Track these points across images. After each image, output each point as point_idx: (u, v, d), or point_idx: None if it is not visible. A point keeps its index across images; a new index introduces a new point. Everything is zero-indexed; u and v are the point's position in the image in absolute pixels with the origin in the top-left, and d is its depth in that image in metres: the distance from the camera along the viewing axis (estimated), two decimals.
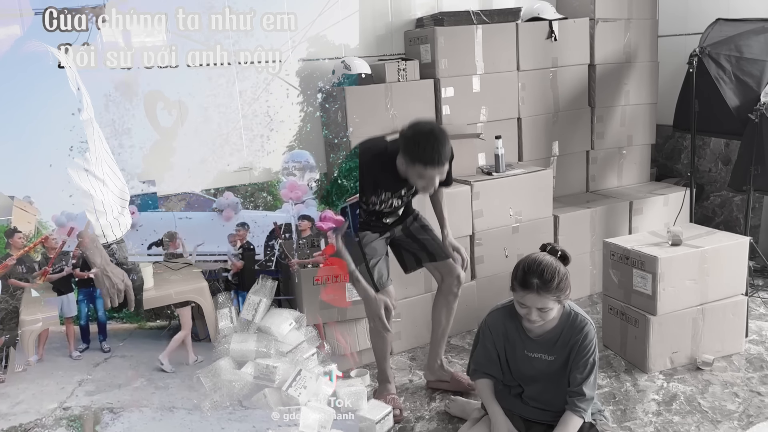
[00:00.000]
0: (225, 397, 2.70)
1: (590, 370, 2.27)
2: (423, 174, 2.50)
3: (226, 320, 2.97)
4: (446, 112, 3.80)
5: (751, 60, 3.53)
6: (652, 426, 2.64)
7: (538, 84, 4.06)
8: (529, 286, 2.15)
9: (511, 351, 2.37)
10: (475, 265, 3.65)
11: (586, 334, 2.27)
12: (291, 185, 3.19)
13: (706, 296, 3.08)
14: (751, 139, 3.37)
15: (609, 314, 3.27)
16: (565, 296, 2.21)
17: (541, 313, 2.19)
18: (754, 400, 2.78)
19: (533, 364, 2.33)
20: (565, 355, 2.29)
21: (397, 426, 2.74)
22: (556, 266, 2.18)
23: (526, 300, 2.19)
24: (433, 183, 2.54)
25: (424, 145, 2.45)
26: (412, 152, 2.48)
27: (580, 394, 2.27)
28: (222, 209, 3.23)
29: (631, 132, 4.42)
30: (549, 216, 3.83)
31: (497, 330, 2.37)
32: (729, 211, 4.53)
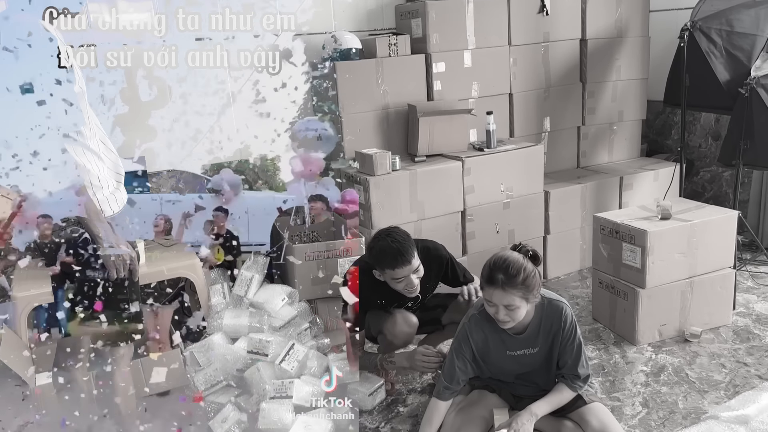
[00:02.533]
0: (218, 372, 2.73)
1: (578, 351, 2.27)
2: (396, 276, 2.52)
3: (218, 296, 2.98)
4: (437, 88, 3.79)
5: (742, 34, 3.53)
6: (640, 396, 2.68)
7: (529, 59, 4.05)
8: (494, 282, 2.11)
9: (492, 354, 2.32)
10: (467, 240, 3.67)
11: (565, 318, 2.24)
12: (304, 158, 2.89)
13: (694, 269, 3.11)
14: (741, 113, 3.39)
15: (598, 288, 3.30)
16: (533, 296, 2.15)
17: (509, 311, 2.13)
18: (740, 371, 2.83)
19: (518, 361, 2.32)
20: (549, 343, 2.28)
21: (389, 398, 2.78)
22: (523, 263, 2.12)
23: (492, 297, 2.14)
24: (412, 283, 2.54)
25: (385, 249, 2.50)
26: (379, 261, 2.54)
27: (576, 375, 2.29)
28: (219, 189, 2.96)
29: (622, 107, 4.43)
30: (540, 192, 3.85)
31: (478, 337, 2.30)
32: (718, 186, 4.56)
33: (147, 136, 2.77)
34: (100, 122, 2.27)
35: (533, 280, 2.13)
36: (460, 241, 3.64)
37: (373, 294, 2.67)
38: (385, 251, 2.51)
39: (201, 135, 2.93)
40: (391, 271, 2.52)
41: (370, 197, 3.32)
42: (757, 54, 3.49)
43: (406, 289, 2.57)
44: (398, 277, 2.52)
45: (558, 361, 2.30)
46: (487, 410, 2.37)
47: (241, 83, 2.97)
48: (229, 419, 2.52)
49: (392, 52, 3.66)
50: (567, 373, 2.29)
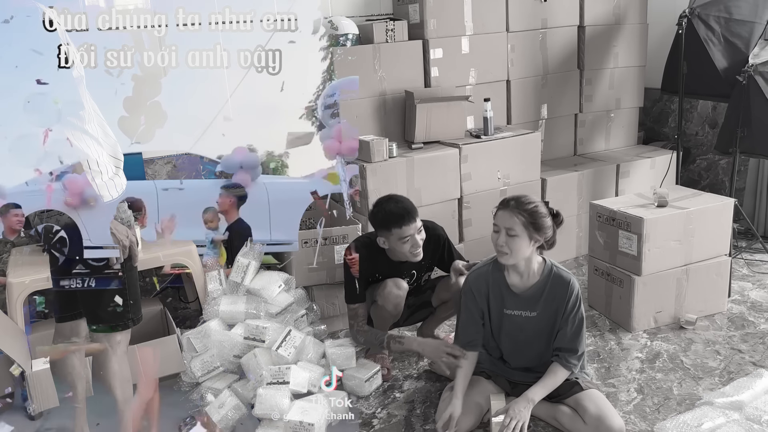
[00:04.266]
0: (215, 358, 2.73)
1: (579, 325, 2.31)
2: (403, 235, 2.59)
3: (215, 282, 2.97)
4: (435, 74, 3.77)
5: (740, 21, 3.52)
6: (635, 383, 2.70)
7: (527, 46, 4.03)
8: (505, 204, 2.25)
9: (492, 308, 2.39)
10: (463, 228, 3.67)
11: (571, 289, 2.30)
12: (338, 131, 2.53)
13: (690, 257, 3.12)
14: (739, 101, 3.38)
15: (594, 275, 3.31)
16: (537, 234, 2.23)
17: (509, 238, 2.22)
18: (734, 358, 2.85)
19: (514, 321, 2.36)
20: (549, 312, 2.32)
21: (385, 384, 2.78)
22: (539, 203, 2.25)
23: (498, 218, 2.25)
24: (417, 243, 2.62)
25: (391, 210, 2.60)
26: (386, 223, 2.61)
27: (572, 351, 2.30)
28: (232, 173, 2.55)
29: (619, 95, 4.42)
30: (537, 179, 3.84)
31: (479, 289, 2.39)
32: (715, 174, 4.57)
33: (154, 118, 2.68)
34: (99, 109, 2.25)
35: (541, 219, 2.22)
36: (456, 228, 3.64)
37: (373, 268, 2.73)
38: (392, 211, 2.60)
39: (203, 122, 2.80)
40: (398, 230, 2.58)
41: (367, 184, 3.31)
42: (755, 41, 3.49)
43: (411, 251, 2.63)
44: (405, 235, 2.58)
45: (557, 335, 2.33)
46: (483, 397, 2.39)
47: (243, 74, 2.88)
48: (225, 405, 2.53)
49: (389, 38, 3.64)
50: (563, 347, 2.31)
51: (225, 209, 2.79)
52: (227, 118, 2.75)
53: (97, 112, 2.21)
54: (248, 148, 2.54)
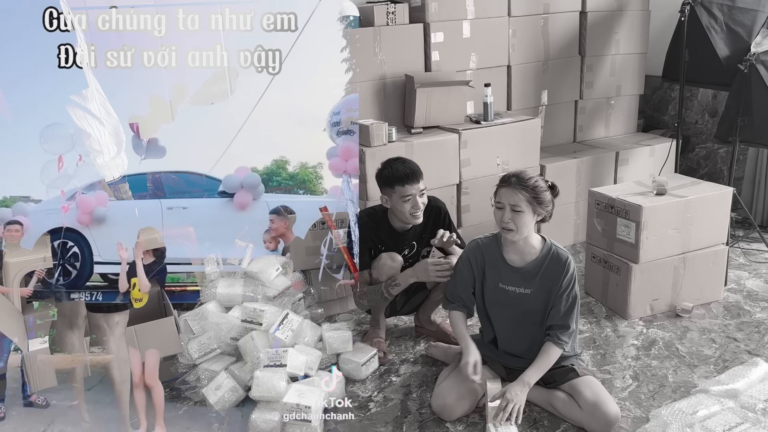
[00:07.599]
0: (212, 340, 2.73)
1: (573, 302, 2.33)
2: (405, 194, 2.64)
3: (212, 265, 2.96)
4: (435, 58, 3.74)
5: (743, 9, 3.50)
6: (630, 370, 2.71)
7: (529, 31, 4.00)
8: (506, 181, 2.29)
9: (487, 281, 2.42)
10: (462, 213, 3.66)
11: (567, 266, 2.33)
12: (345, 150, 2.52)
13: (687, 245, 3.12)
14: (740, 89, 3.37)
15: (591, 262, 3.31)
16: (540, 208, 2.26)
17: (514, 214, 2.25)
18: (730, 346, 2.86)
19: (508, 296, 2.38)
20: (544, 289, 2.34)
21: (381, 368, 2.79)
22: (537, 177, 2.28)
23: (501, 196, 2.28)
24: (418, 204, 2.67)
25: (398, 168, 2.66)
26: (387, 179, 2.68)
27: (564, 327, 2.32)
28: (233, 192, 2.54)
29: (620, 82, 4.40)
30: (536, 165, 3.83)
31: (475, 258, 2.43)
32: (713, 162, 4.56)
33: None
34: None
35: (543, 193, 2.26)
36: (455, 213, 3.63)
37: (375, 237, 2.80)
38: (398, 170, 2.66)
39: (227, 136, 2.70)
40: (401, 188, 2.64)
41: (366, 168, 3.30)
42: (757, 30, 3.47)
43: (411, 212, 2.68)
44: (407, 194, 2.64)
45: (550, 312, 2.35)
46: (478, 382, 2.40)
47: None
48: (222, 387, 2.53)
49: (390, 21, 3.61)
50: (555, 324, 2.33)
51: (282, 233, 2.82)
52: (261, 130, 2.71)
53: (100, 92, 2.20)
54: (249, 170, 2.54)
